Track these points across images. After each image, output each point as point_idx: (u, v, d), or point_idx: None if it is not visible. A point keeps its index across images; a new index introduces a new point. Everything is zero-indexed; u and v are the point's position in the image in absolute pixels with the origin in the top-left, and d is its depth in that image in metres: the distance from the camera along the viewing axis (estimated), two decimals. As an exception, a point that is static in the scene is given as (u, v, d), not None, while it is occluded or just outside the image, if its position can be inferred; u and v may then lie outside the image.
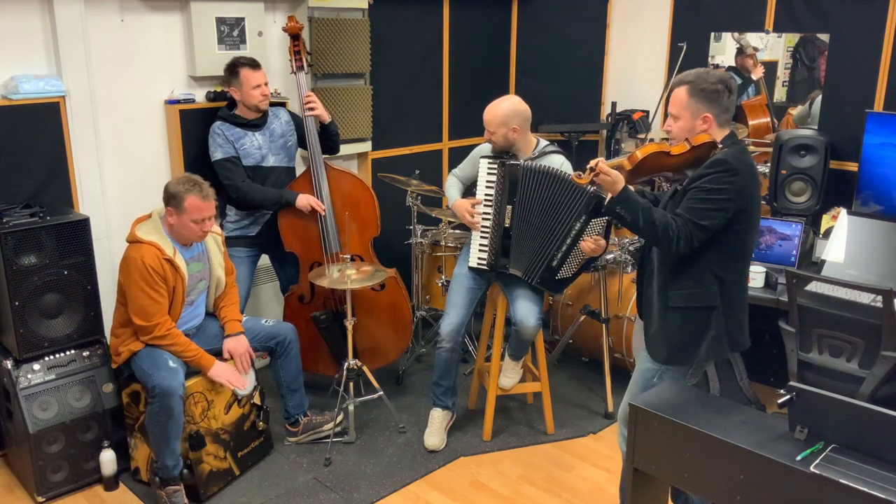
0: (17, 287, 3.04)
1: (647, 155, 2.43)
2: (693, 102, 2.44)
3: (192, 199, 3.00)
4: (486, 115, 3.40)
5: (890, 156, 3.72)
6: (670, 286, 2.51)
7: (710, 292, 2.47)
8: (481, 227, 3.46)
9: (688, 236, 2.37)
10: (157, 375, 2.96)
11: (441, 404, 3.66)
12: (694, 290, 2.48)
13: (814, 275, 3.16)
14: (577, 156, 4.79)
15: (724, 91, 2.43)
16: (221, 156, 3.55)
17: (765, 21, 4.30)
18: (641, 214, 2.38)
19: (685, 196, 2.44)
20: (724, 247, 2.44)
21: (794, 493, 1.85)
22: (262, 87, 3.54)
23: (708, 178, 2.38)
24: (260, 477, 3.35)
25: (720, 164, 2.38)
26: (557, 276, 3.38)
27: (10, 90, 3.22)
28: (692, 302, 2.49)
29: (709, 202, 2.37)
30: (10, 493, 3.23)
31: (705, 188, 2.38)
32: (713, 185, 2.37)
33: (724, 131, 2.48)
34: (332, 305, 3.82)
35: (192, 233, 3.06)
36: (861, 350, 2.97)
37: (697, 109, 2.45)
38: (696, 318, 2.50)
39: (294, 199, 3.63)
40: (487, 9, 5.02)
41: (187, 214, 3.01)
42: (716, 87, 2.42)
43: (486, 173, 3.44)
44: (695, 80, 2.44)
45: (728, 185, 2.37)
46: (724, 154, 2.42)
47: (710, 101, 2.43)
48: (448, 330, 3.53)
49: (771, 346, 3.90)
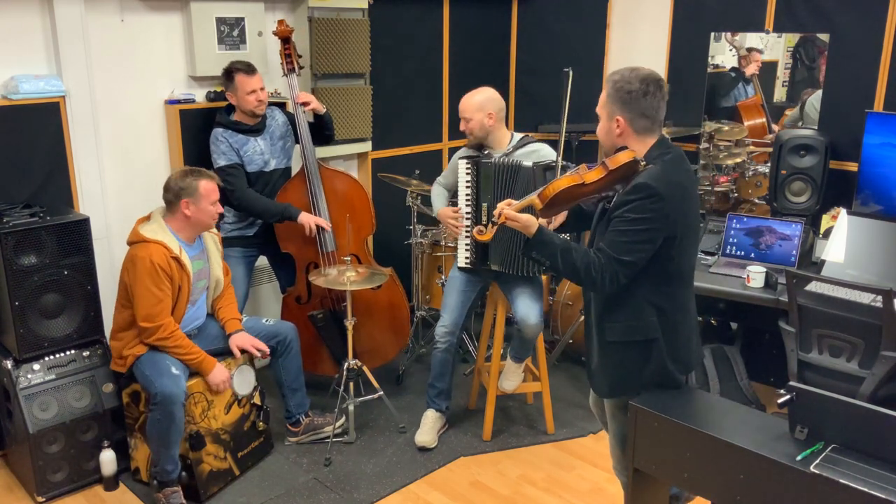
0: (17, 287, 3.04)
1: (557, 192, 2.22)
2: (608, 103, 2.23)
3: (206, 183, 3.10)
4: (462, 103, 3.42)
5: (890, 156, 3.72)
6: (605, 319, 2.31)
7: (649, 324, 2.26)
8: (464, 227, 3.47)
9: (613, 274, 2.16)
10: (160, 382, 2.96)
11: (435, 406, 3.67)
12: (630, 323, 2.27)
13: (814, 275, 3.16)
14: (576, 156, 4.79)
15: (639, 91, 2.17)
16: (225, 163, 3.55)
17: (765, 21, 4.30)
18: (560, 258, 2.19)
19: (608, 225, 2.22)
20: (657, 275, 2.23)
21: (794, 493, 1.85)
22: (257, 92, 3.53)
23: (629, 206, 2.15)
24: (260, 477, 3.35)
25: (641, 191, 2.13)
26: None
27: (10, 90, 3.22)
28: (629, 336, 2.28)
29: (631, 234, 2.14)
30: (10, 493, 3.23)
31: (627, 218, 2.15)
32: (635, 215, 2.13)
33: (645, 140, 2.23)
34: (329, 305, 3.82)
35: (210, 217, 3.14)
36: (861, 350, 2.97)
37: (611, 111, 2.22)
38: (635, 351, 2.29)
39: (296, 216, 3.62)
40: (487, 9, 5.02)
41: (204, 199, 3.09)
42: (630, 88, 2.17)
43: (465, 174, 3.46)
44: (617, 79, 2.20)
45: (651, 213, 2.13)
46: (645, 176, 2.15)
47: (623, 103, 2.18)
48: (443, 332, 3.55)
49: (771, 346, 3.91)
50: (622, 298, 2.26)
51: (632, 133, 2.22)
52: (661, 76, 2.23)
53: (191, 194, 3.07)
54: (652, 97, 2.18)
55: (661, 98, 2.20)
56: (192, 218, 3.10)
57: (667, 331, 2.27)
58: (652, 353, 2.28)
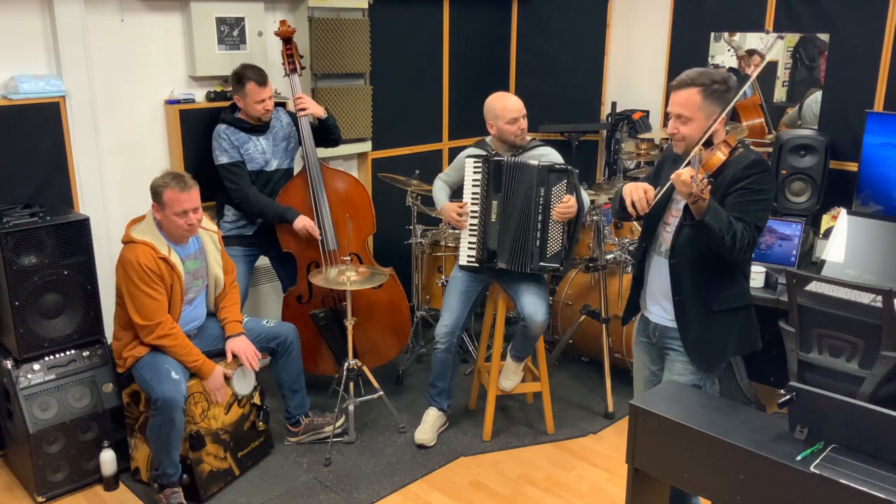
0: (17, 287, 3.04)
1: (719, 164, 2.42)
2: (707, 104, 2.41)
3: (170, 192, 2.97)
4: (515, 102, 3.42)
5: (890, 156, 3.72)
6: (712, 290, 2.49)
7: (746, 290, 2.54)
8: (469, 224, 3.48)
9: (751, 239, 2.38)
10: (160, 388, 2.95)
11: (436, 405, 3.68)
12: (733, 291, 2.50)
13: (814, 275, 3.16)
14: (576, 156, 4.80)
15: (729, 90, 2.43)
16: (227, 160, 3.55)
17: (765, 21, 4.30)
18: (726, 224, 2.33)
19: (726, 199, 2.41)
20: None
21: (794, 493, 1.85)
22: (265, 101, 3.54)
23: (752, 179, 2.38)
24: (260, 477, 3.35)
25: (760, 165, 2.40)
26: (547, 252, 3.39)
27: (10, 90, 3.22)
28: (736, 303, 2.51)
29: (760, 203, 2.39)
30: (10, 493, 3.23)
31: (753, 189, 2.38)
32: (759, 187, 2.38)
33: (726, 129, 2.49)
34: (330, 304, 3.83)
35: (178, 227, 3.02)
36: (861, 350, 2.97)
37: (712, 111, 2.42)
38: (740, 318, 2.53)
39: (293, 219, 3.63)
40: (487, 9, 5.02)
41: (168, 208, 2.99)
42: (725, 87, 2.42)
43: (473, 172, 3.48)
44: (707, 82, 2.41)
45: (769, 184, 2.41)
46: (755, 154, 2.44)
47: (722, 101, 2.42)
48: (443, 332, 3.55)
49: (771, 346, 3.89)
50: (726, 268, 2.47)
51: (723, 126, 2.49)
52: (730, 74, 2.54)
53: (156, 200, 3.02)
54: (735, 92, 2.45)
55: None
56: (163, 223, 3.06)
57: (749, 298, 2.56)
58: (750, 318, 2.56)
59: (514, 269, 3.43)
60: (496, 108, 3.42)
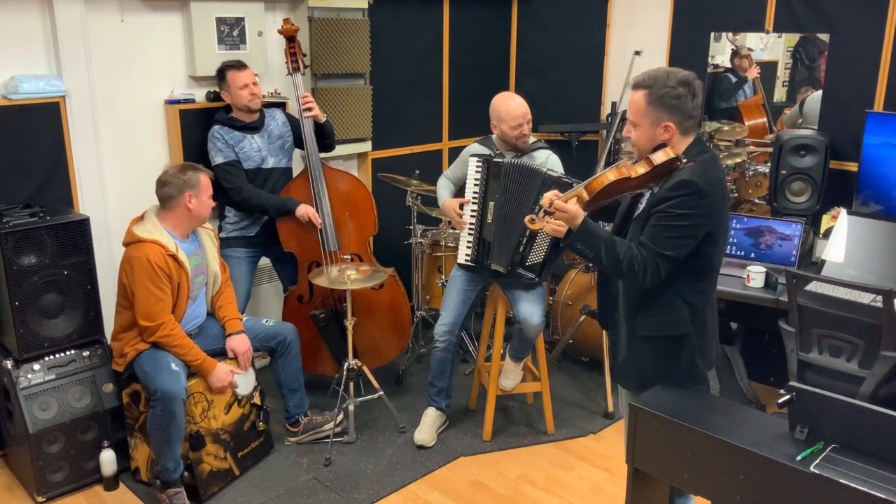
0: (17, 287, 3.04)
1: (605, 185, 2.21)
2: (652, 110, 2.20)
3: (204, 177, 3.16)
4: (519, 108, 3.40)
5: (890, 156, 3.72)
6: (638, 314, 2.32)
7: (681, 319, 2.27)
8: (468, 224, 3.48)
9: (654, 268, 2.17)
10: (160, 379, 2.96)
11: (435, 404, 3.68)
12: (663, 318, 2.28)
13: (814, 275, 3.16)
14: (576, 156, 4.80)
15: (686, 96, 2.17)
16: (222, 160, 3.56)
17: (765, 21, 4.30)
18: (605, 250, 2.19)
19: (648, 220, 2.22)
20: (692, 271, 2.24)
21: (794, 493, 1.85)
22: (249, 86, 3.55)
23: (672, 202, 2.15)
24: (260, 477, 3.35)
25: (686, 187, 2.14)
26: (527, 261, 3.38)
27: (10, 90, 3.22)
28: (662, 331, 2.29)
29: (675, 230, 2.15)
30: (10, 493, 3.23)
31: (671, 214, 2.15)
32: (679, 211, 2.14)
33: (687, 139, 2.24)
34: (331, 304, 3.83)
35: (208, 210, 3.19)
36: (861, 350, 2.97)
37: (658, 118, 2.20)
38: (667, 347, 2.31)
39: (295, 208, 3.64)
40: (487, 9, 5.02)
41: (205, 192, 3.14)
42: (677, 93, 2.17)
43: (474, 171, 3.48)
44: (653, 85, 2.19)
45: (694, 209, 2.14)
46: (689, 172, 2.17)
47: (670, 108, 2.18)
48: (442, 331, 3.55)
49: (771, 346, 3.90)
50: (656, 293, 2.26)
51: (678, 135, 2.23)
52: (693, 74, 2.24)
53: (193, 187, 3.10)
54: (695, 97, 2.20)
55: (700, 97, 2.23)
56: (194, 211, 3.12)
57: (697, 327, 2.29)
58: (683, 349, 2.30)
59: (503, 270, 3.43)
60: (500, 110, 3.41)
